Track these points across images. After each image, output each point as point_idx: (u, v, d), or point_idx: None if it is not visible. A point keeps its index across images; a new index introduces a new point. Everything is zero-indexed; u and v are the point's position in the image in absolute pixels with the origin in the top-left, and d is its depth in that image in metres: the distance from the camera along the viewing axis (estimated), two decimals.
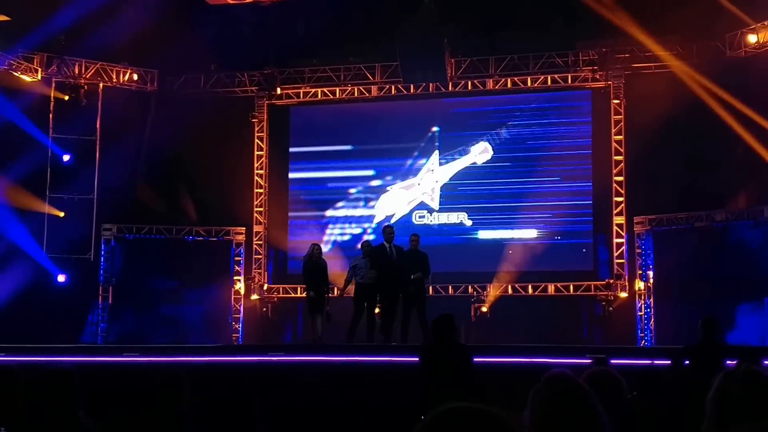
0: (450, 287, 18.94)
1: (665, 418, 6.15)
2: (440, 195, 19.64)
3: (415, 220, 19.58)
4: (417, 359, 8.69)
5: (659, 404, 6.74)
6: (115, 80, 20.11)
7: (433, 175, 19.69)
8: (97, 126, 19.80)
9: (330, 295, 14.50)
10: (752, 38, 17.58)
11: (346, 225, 20.12)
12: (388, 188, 19.90)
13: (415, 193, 19.75)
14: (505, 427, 2.02)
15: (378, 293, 13.90)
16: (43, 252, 18.89)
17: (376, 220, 19.81)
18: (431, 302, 18.17)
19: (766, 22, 17.36)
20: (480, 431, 2.00)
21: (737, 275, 16.63)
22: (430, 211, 19.66)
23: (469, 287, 18.95)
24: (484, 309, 18.53)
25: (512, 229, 19.22)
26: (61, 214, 19.18)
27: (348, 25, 18.95)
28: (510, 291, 19.01)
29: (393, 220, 19.16)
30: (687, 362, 9.48)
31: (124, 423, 6.93)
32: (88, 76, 19.72)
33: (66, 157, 19.42)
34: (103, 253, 19.62)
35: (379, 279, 13.67)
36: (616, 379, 5.51)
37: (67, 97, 19.58)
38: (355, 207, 20.11)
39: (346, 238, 19.96)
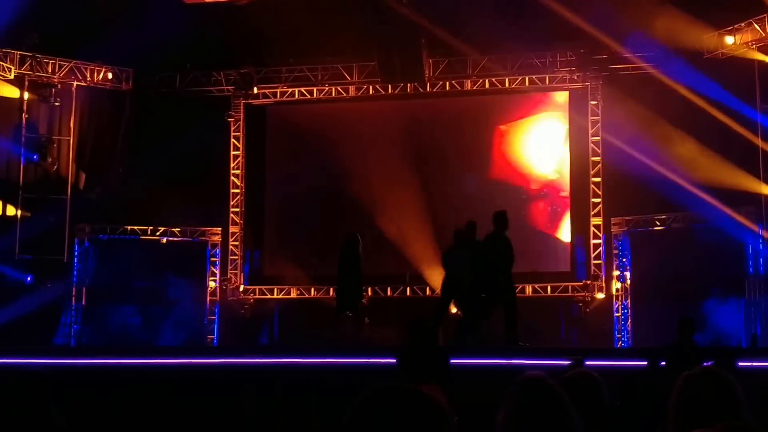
0: (427, 288, 18.90)
1: (642, 419, 6.11)
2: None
3: None
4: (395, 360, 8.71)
5: (636, 406, 6.71)
6: (89, 79, 19.91)
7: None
8: (71, 125, 19.61)
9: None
10: (729, 40, 17.65)
11: None
12: None
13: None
14: (430, 406, 2.03)
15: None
16: (15, 253, 18.70)
17: None
18: (409, 304, 18.25)
19: (743, 24, 17.42)
20: (406, 410, 2.01)
21: (714, 276, 16.70)
22: None
23: None
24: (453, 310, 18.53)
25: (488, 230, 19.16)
26: (29, 215, 18.97)
27: (325, 25, 18.84)
28: None
29: None
30: (663, 363, 9.47)
31: (98, 422, 6.90)
32: (61, 75, 19.52)
33: (35, 157, 19.21)
34: (76, 254, 19.43)
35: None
36: (596, 381, 5.48)
37: (39, 97, 19.38)
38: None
39: None
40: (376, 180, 19.68)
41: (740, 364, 8.38)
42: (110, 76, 20.05)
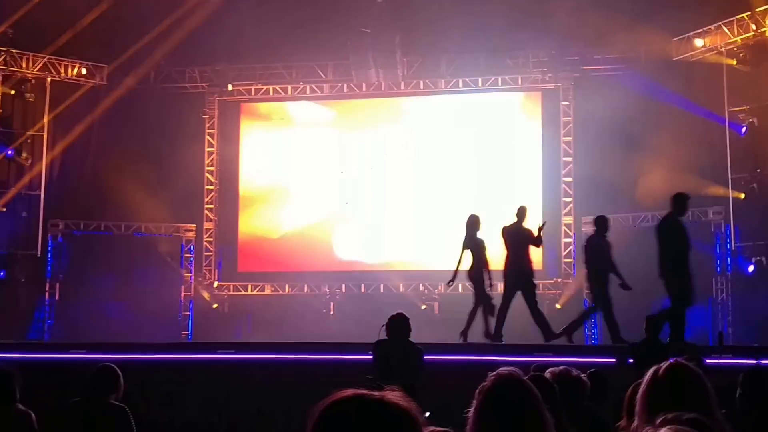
0: (401, 285, 19.05)
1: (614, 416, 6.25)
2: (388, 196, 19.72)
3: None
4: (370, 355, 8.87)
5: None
6: (63, 74, 19.83)
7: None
8: (45, 121, 19.54)
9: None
10: (699, 42, 17.88)
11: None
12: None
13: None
14: (393, 416, 2.00)
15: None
16: None
17: None
18: (383, 300, 18.32)
19: (712, 27, 17.65)
20: (369, 421, 1.98)
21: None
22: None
23: (420, 285, 19.09)
24: (423, 306, 18.72)
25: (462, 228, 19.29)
26: (3, 210, 18.88)
27: (300, 23, 18.89)
28: (460, 290, 19.12)
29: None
30: (631, 360, 9.64)
31: (64, 415, 6.97)
32: (36, 70, 19.44)
33: (9, 152, 19.13)
34: (50, 249, 19.38)
35: None
36: (577, 379, 5.59)
37: (14, 92, 19.29)
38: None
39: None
40: (349, 177, 19.80)
41: (707, 361, 8.55)
42: (84, 71, 19.99)
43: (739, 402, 6.12)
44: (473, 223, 13.48)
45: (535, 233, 12.92)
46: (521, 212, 13.20)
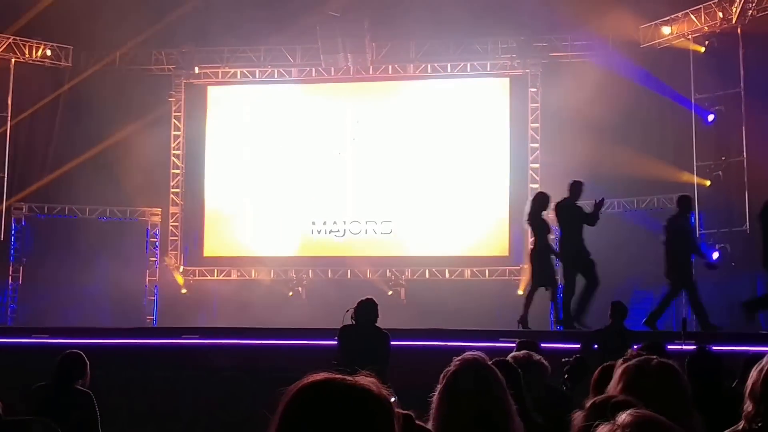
0: (368, 271, 19.04)
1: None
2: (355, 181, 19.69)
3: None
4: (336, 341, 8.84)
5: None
6: (27, 56, 19.57)
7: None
8: (9, 102, 19.26)
9: None
10: (666, 30, 17.97)
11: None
12: None
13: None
14: (366, 399, 1.98)
15: None
16: None
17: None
18: (349, 285, 18.31)
19: (679, 14, 17.75)
20: (342, 404, 1.96)
21: (647, 262, 16.97)
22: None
23: (387, 271, 19.10)
24: (390, 292, 18.74)
25: (429, 214, 19.33)
26: None
27: (269, 6, 18.77)
28: (427, 275, 19.21)
29: None
30: (596, 346, 9.70)
31: (28, 399, 6.92)
32: None
33: None
34: (13, 232, 19.16)
35: None
36: (539, 363, 5.62)
37: None
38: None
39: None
40: (316, 161, 19.73)
41: (669, 347, 8.60)
42: (49, 53, 19.74)
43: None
44: (539, 201, 12.43)
45: (591, 210, 12.12)
46: (575, 188, 12.30)
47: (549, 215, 12.37)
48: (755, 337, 10.98)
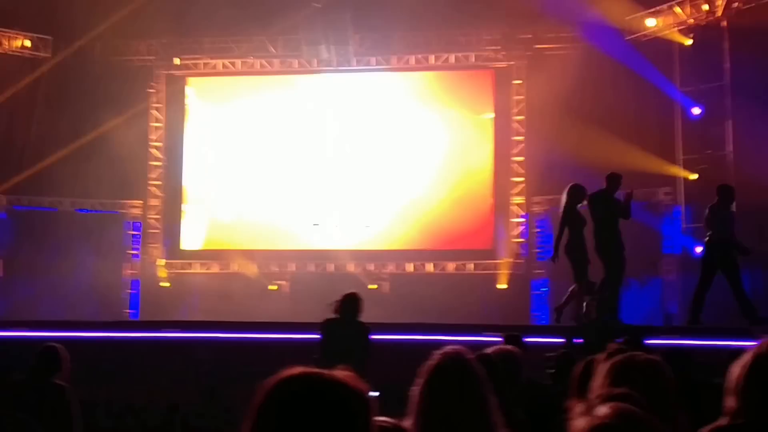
0: (351, 264, 18.95)
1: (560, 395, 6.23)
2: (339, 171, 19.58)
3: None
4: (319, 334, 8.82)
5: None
6: (6, 46, 19.35)
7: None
8: None
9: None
10: (651, 22, 17.91)
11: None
12: None
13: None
14: (345, 393, 1.95)
15: None
16: None
17: None
18: (332, 279, 18.21)
19: (665, 6, 17.69)
20: (319, 398, 1.93)
21: (630, 256, 16.95)
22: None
23: (372, 265, 19.02)
24: (374, 286, 18.69)
25: (412, 207, 19.25)
26: None
27: None
28: (412, 269, 19.13)
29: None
30: (579, 340, 9.67)
31: (6, 393, 6.86)
32: None
33: None
34: None
35: None
36: (516, 357, 5.57)
37: None
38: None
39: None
40: (297, 154, 19.62)
41: (651, 341, 8.56)
42: (28, 43, 19.52)
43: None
44: (575, 193, 11.83)
45: (624, 203, 11.69)
46: (613, 180, 11.81)
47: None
48: (735, 332, 10.87)
